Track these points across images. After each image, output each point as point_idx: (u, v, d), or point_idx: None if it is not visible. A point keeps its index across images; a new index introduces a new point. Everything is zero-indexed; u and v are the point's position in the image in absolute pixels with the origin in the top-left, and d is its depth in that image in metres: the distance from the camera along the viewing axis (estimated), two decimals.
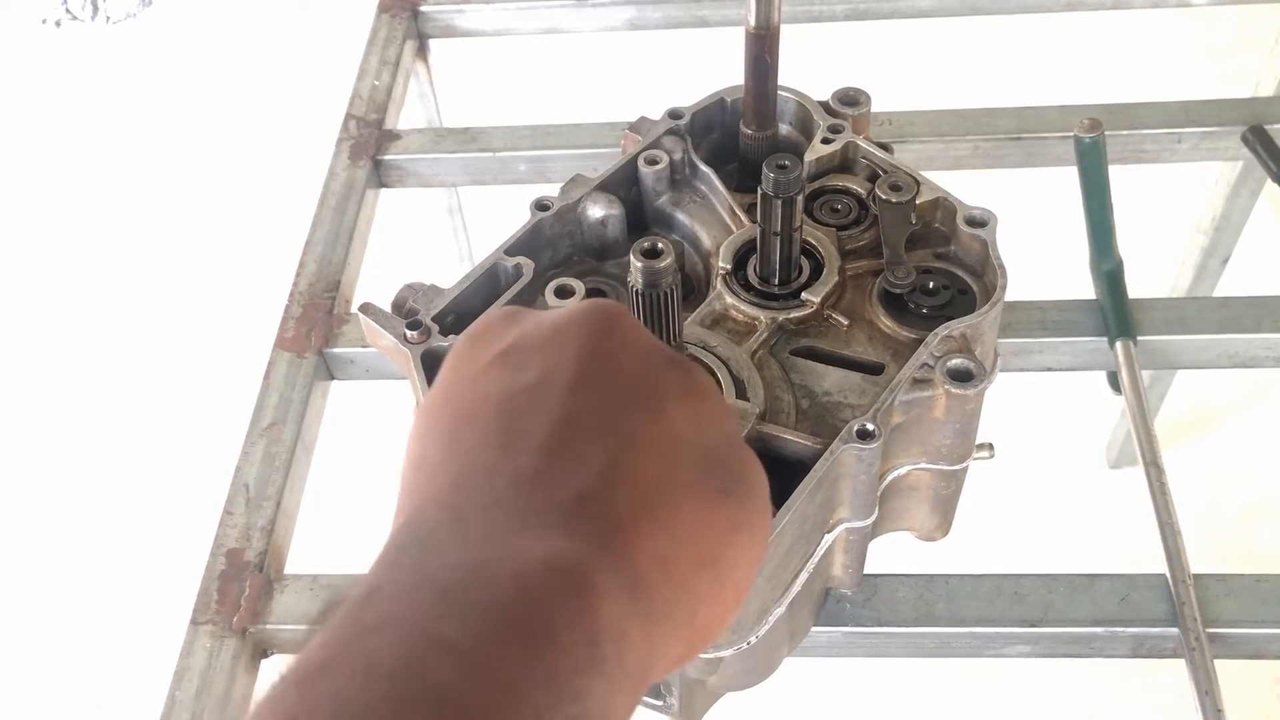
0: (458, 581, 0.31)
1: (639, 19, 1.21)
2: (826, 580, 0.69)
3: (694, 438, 0.38)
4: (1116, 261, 0.91)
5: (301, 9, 2.67)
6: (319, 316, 0.93)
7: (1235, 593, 0.72)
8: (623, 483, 0.35)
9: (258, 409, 0.87)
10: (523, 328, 0.41)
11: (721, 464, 0.38)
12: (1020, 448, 1.46)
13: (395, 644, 0.29)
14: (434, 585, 0.31)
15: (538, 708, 0.29)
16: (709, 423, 0.40)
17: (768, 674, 0.68)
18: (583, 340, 0.39)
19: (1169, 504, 0.78)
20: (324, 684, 0.29)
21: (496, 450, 0.36)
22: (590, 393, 0.37)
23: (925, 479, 0.67)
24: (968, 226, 0.67)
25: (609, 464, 0.35)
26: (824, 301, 0.66)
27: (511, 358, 0.39)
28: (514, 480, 0.35)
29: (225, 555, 0.79)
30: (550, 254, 0.71)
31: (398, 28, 1.19)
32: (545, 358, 0.39)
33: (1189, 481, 1.66)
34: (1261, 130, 0.99)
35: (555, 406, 0.37)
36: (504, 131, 1.09)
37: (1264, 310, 0.87)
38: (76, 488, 1.91)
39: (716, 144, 0.77)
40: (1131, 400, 0.84)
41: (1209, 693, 0.69)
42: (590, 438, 0.36)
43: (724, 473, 0.38)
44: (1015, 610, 0.72)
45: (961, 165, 1.04)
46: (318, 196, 1.03)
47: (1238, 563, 1.68)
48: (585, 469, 0.35)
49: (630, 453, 0.36)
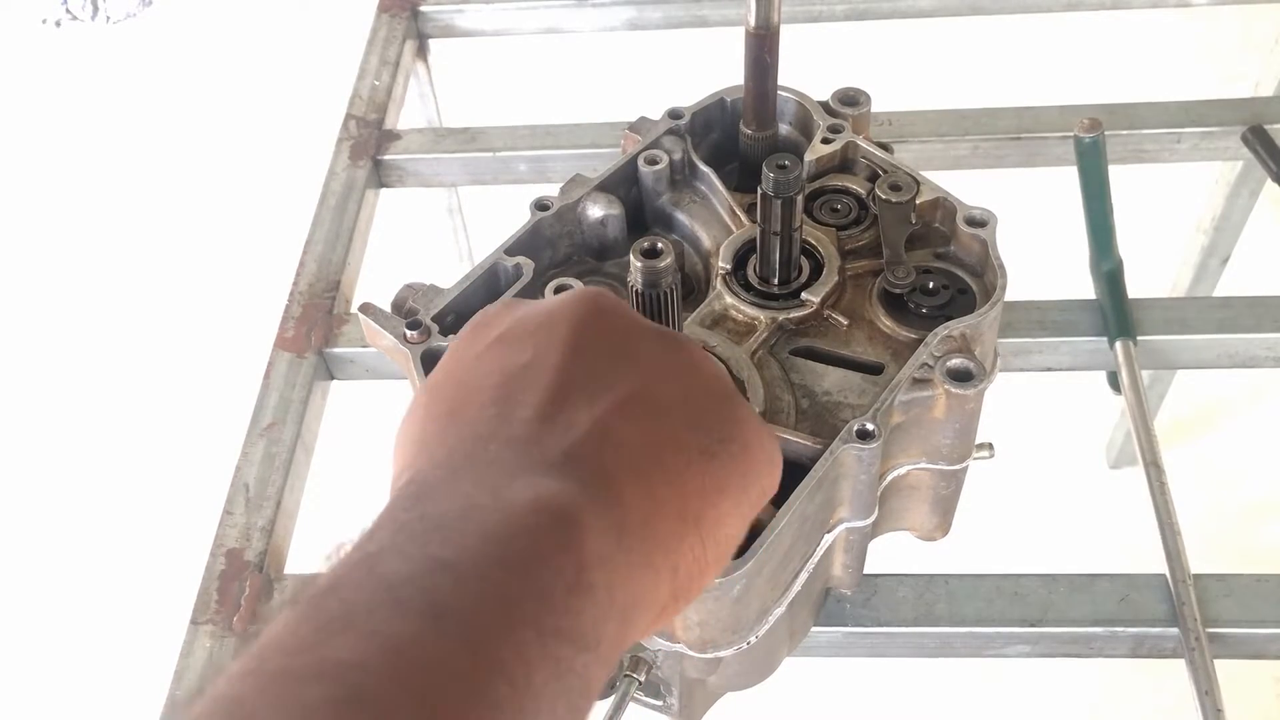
0: (454, 516, 0.34)
1: (639, 19, 1.21)
2: (826, 580, 0.69)
3: (681, 402, 0.41)
4: (1116, 261, 0.91)
5: (301, 9, 2.67)
6: (319, 316, 0.93)
7: (1235, 593, 0.72)
8: (608, 442, 0.38)
9: (257, 409, 0.87)
10: (519, 314, 0.44)
11: (708, 427, 0.41)
12: (1020, 448, 1.46)
13: (397, 563, 0.32)
14: (430, 521, 0.34)
15: (528, 616, 0.32)
16: (697, 388, 0.42)
17: (768, 674, 0.68)
18: (573, 321, 0.42)
19: (1169, 504, 0.78)
20: (332, 598, 0.31)
21: (493, 421, 0.39)
22: (579, 366, 0.40)
23: (925, 479, 0.67)
24: (967, 226, 0.67)
25: (595, 426, 0.38)
26: (824, 301, 0.66)
27: (508, 341, 0.42)
28: (507, 443, 0.37)
29: (225, 555, 0.79)
30: (550, 254, 0.71)
31: (398, 28, 1.19)
32: (538, 339, 0.42)
33: (1189, 481, 1.66)
34: (1261, 130, 0.99)
35: (548, 380, 0.39)
36: (504, 131, 1.09)
37: (1264, 310, 0.87)
38: (76, 488, 1.91)
39: (716, 144, 0.77)
40: (1131, 400, 0.84)
41: (1209, 693, 0.69)
42: (578, 405, 0.39)
43: (710, 435, 0.41)
44: (1015, 610, 0.72)
45: (961, 165, 1.04)
46: (318, 196, 1.03)
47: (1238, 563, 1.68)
48: (573, 431, 0.38)
49: (616, 416, 0.39)
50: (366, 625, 0.30)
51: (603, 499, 0.36)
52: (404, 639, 0.30)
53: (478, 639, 0.31)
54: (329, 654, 0.30)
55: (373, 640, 0.30)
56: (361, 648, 0.30)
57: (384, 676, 0.29)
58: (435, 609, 0.31)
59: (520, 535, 0.33)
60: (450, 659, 0.30)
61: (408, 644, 0.30)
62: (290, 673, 0.29)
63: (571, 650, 0.32)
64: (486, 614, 0.31)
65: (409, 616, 0.30)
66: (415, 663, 0.29)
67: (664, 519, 0.38)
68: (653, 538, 0.37)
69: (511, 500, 0.34)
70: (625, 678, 0.63)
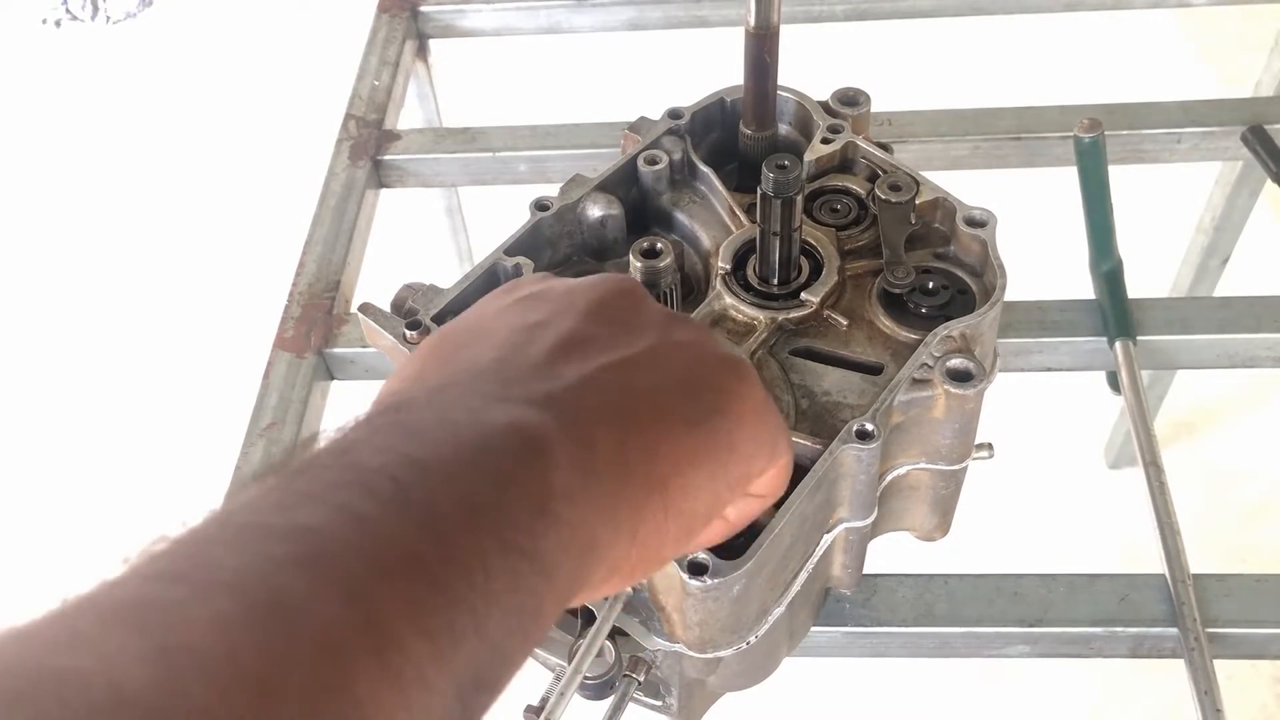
0: (429, 424, 0.35)
1: (639, 19, 1.21)
2: (826, 580, 0.69)
3: (675, 371, 0.42)
4: (1116, 261, 0.91)
5: (301, 9, 2.67)
6: (319, 316, 0.93)
7: (1234, 593, 0.72)
8: (589, 392, 0.39)
9: (257, 409, 0.87)
10: (549, 283, 0.47)
11: (699, 396, 0.41)
12: (1020, 448, 1.46)
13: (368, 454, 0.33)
14: (406, 426, 0.35)
15: (492, 525, 0.32)
16: (698, 361, 0.43)
17: (767, 674, 0.68)
18: (593, 295, 0.44)
19: (1168, 504, 0.78)
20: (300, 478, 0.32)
21: (490, 364, 0.40)
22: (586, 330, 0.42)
23: (925, 479, 0.67)
24: (967, 226, 0.67)
25: (582, 379, 0.39)
26: (823, 301, 0.66)
27: (529, 302, 0.45)
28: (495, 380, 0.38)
29: None
30: (550, 254, 0.71)
31: (397, 28, 1.19)
32: (558, 304, 0.43)
33: (1189, 481, 1.66)
34: (1261, 130, 0.99)
35: (552, 338, 0.41)
36: (504, 131, 1.09)
37: (1264, 310, 0.87)
38: (76, 487, 1.91)
39: (716, 144, 0.77)
40: (1131, 400, 0.84)
41: (1208, 693, 0.69)
42: (573, 361, 0.40)
43: (699, 405, 0.41)
44: (1015, 610, 0.72)
45: (961, 165, 1.04)
46: (318, 196, 1.03)
47: (1237, 563, 1.68)
48: (561, 380, 0.39)
49: (604, 373, 0.40)
50: (334, 499, 0.31)
51: (575, 440, 0.36)
52: (370, 518, 0.30)
53: (441, 531, 0.31)
54: (296, 519, 0.30)
55: (340, 513, 0.30)
56: (328, 518, 0.30)
57: (348, 546, 0.29)
58: (403, 497, 0.31)
59: (492, 450, 0.34)
60: (413, 544, 0.30)
61: (373, 522, 0.30)
62: (257, 527, 0.30)
63: (529, 569, 0.32)
64: (453, 512, 0.32)
65: (377, 499, 0.31)
66: (380, 540, 0.30)
67: (631, 477, 0.38)
68: (618, 492, 0.37)
69: (488, 420, 0.35)
70: (625, 678, 0.63)
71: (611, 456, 0.37)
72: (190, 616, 0.26)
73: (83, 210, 2.36)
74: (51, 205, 2.39)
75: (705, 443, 0.40)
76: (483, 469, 0.33)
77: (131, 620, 0.27)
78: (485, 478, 0.33)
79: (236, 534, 0.30)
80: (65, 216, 2.35)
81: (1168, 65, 2.32)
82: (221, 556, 0.28)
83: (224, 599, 0.27)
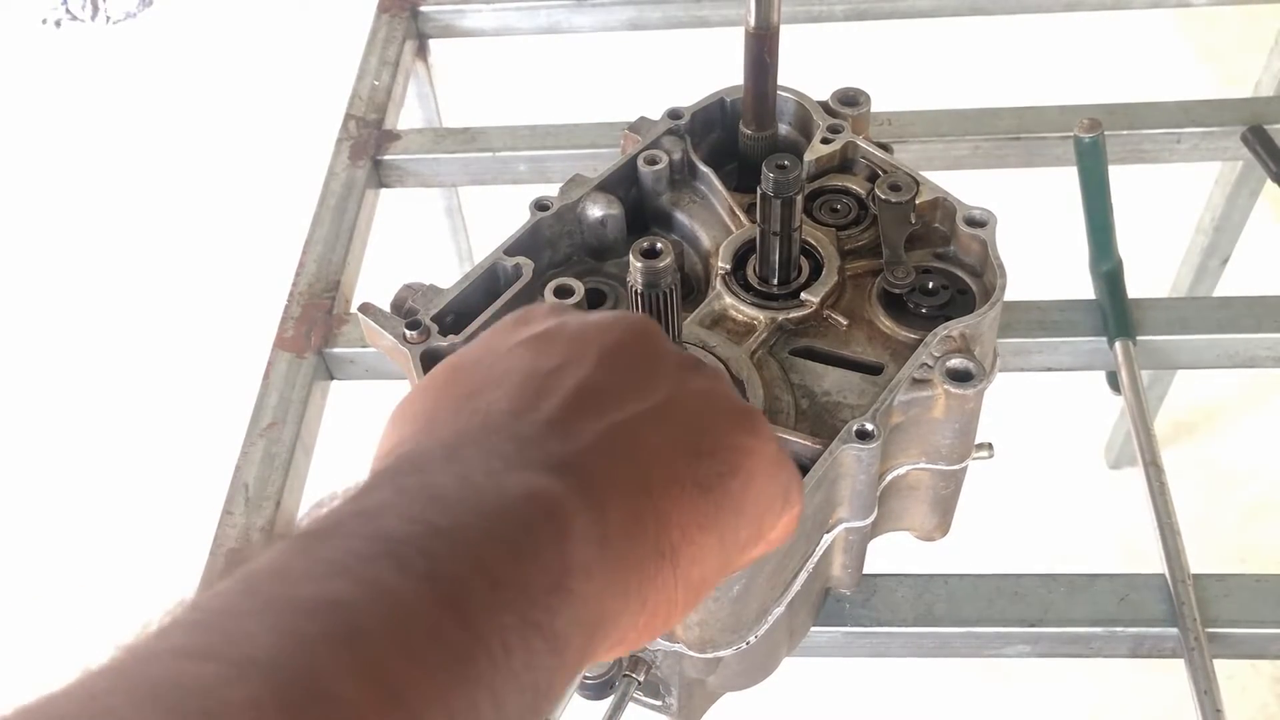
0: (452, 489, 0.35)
1: (639, 19, 1.21)
2: (826, 580, 0.69)
3: (688, 429, 0.41)
4: (1116, 261, 0.91)
5: (301, 9, 2.67)
6: (319, 316, 0.93)
7: (1234, 593, 0.73)
8: (604, 451, 0.38)
9: (257, 409, 0.87)
10: (560, 320, 0.45)
11: (711, 456, 0.40)
12: (1020, 448, 1.46)
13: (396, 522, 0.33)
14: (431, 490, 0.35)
15: (513, 602, 0.32)
16: (710, 416, 0.42)
17: (767, 674, 0.68)
18: (608, 339, 0.43)
19: (1168, 504, 0.78)
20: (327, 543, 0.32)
21: (505, 416, 0.39)
22: (601, 382, 0.41)
23: (924, 479, 0.67)
24: (967, 226, 0.67)
25: (597, 440, 0.38)
26: (823, 301, 0.66)
27: (541, 343, 0.43)
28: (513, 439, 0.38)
29: (225, 555, 0.79)
30: (550, 254, 0.71)
31: (397, 28, 1.19)
32: (571, 349, 0.42)
33: (1189, 481, 1.66)
34: (1261, 130, 0.99)
35: (567, 390, 0.40)
36: (504, 131, 1.09)
37: (1264, 310, 0.87)
38: (76, 488, 1.91)
39: (716, 144, 0.77)
40: (1131, 400, 0.84)
41: (1208, 692, 0.69)
42: (589, 417, 0.39)
43: (710, 466, 0.40)
44: (1015, 610, 0.72)
45: (961, 165, 1.04)
46: (317, 196, 1.03)
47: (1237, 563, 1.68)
48: (577, 440, 0.38)
49: (620, 434, 0.39)
50: (364, 573, 0.31)
51: (590, 508, 0.36)
52: (402, 594, 0.30)
53: (468, 610, 0.31)
54: (325, 592, 0.30)
55: (370, 589, 0.30)
56: (358, 593, 0.30)
57: (380, 625, 0.30)
58: (432, 573, 0.31)
59: (513, 522, 0.34)
60: (442, 623, 0.30)
61: (404, 600, 0.30)
62: (287, 601, 0.30)
63: (544, 647, 0.33)
64: (478, 589, 0.32)
65: (406, 574, 0.31)
66: (410, 619, 0.30)
67: (643, 543, 0.37)
68: (630, 561, 0.37)
69: (507, 488, 0.35)
70: (625, 678, 0.63)
71: (624, 526, 0.37)
72: (226, 699, 0.27)
73: (83, 210, 2.36)
74: (52, 205, 2.39)
75: (717, 505, 0.40)
76: (504, 542, 0.33)
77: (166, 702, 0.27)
78: (507, 551, 0.33)
79: (265, 605, 0.30)
80: (65, 217, 2.35)
81: (1168, 65, 2.32)
82: (253, 632, 0.29)
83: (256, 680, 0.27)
